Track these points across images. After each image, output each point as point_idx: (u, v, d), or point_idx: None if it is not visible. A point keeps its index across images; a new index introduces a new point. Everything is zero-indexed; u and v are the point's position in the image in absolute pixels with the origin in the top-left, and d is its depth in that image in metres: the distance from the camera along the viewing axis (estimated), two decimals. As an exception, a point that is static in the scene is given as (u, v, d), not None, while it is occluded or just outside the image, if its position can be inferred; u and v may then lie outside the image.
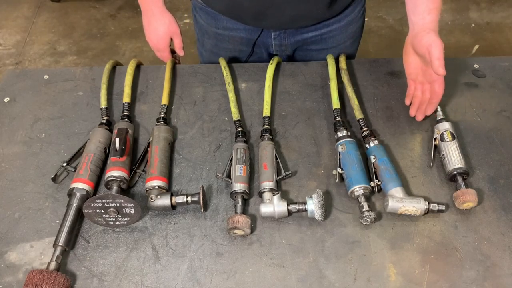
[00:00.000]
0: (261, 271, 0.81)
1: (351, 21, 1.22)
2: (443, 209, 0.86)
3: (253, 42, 1.23)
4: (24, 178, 0.96)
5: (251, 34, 1.21)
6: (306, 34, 1.21)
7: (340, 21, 1.20)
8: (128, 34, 3.00)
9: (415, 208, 0.84)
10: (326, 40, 1.23)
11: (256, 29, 1.20)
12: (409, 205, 0.84)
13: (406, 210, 0.84)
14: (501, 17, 3.00)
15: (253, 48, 1.25)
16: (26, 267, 0.82)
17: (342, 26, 1.21)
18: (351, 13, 1.21)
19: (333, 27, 1.20)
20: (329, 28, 1.20)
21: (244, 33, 1.21)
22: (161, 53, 1.26)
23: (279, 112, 1.08)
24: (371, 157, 0.93)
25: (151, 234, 0.87)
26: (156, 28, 1.21)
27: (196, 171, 0.96)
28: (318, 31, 1.20)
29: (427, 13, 0.97)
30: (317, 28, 1.20)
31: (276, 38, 1.21)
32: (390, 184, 0.88)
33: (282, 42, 1.22)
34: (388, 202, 0.85)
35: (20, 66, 2.81)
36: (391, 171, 0.89)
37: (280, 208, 0.85)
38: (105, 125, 1.02)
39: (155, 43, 1.23)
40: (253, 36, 1.22)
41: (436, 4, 0.98)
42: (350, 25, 1.23)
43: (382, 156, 0.92)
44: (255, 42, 1.23)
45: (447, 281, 0.79)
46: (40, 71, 1.19)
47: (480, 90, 1.11)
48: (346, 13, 1.19)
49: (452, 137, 0.94)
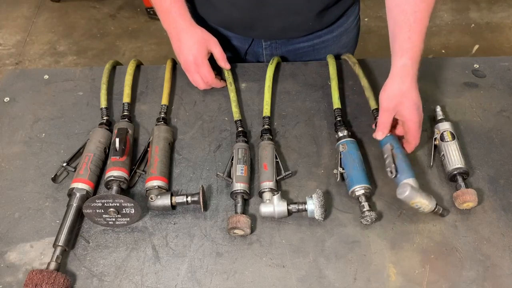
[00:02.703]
0: (261, 271, 0.81)
1: (344, 31, 1.21)
2: (445, 214, 0.86)
3: (244, 51, 1.22)
4: (24, 178, 0.96)
5: (242, 43, 1.21)
6: (298, 45, 1.20)
7: (332, 32, 1.18)
8: (128, 34, 3.00)
9: (426, 203, 0.83)
10: (319, 50, 1.21)
11: (247, 39, 1.19)
12: (424, 198, 0.83)
13: (419, 202, 0.83)
14: (501, 17, 3.00)
15: (245, 57, 1.24)
16: (26, 267, 0.82)
17: (334, 37, 1.20)
18: (344, 24, 1.19)
19: (325, 37, 1.19)
20: (321, 39, 1.19)
21: (235, 41, 1.20)
22: (201, 68, 1.06)
23: (279, 112, 1.08)
24: (388, 145, 0.91)
25: (151, 234, 0.87)
26: (189, 41, 1.04)
27: (196, 171, 0.96)
28: (310, 41, 1.19)
29: (399, 55, 0.90)
30: (309, 39, 1.18)
31: (267, 48, 1.21)
32: (406, 174, 0.86)
33: (273, 52, 1.21)
34: (406, 189, 0.82)
35: (20, 66, 2.81)
36: (407, 161, 0.88)
37: (280, 208, 0.85)
38: (105, 125, 1.02)
39: (191, 60, 1.05)
40: (244, 45, 1.21)
41: (415, 40, 0.88)
42: (343, 35, 1.21)
43: (398, 146, 0.91)
44: (246, 51, 1.22)
45: (447, 281, 0.79)
46: (40, 71, 1.19)
47: (480, 90, 1.11)
48: (339, 24, 1.18)
49: (452, 137, 0.94)
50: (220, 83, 1.11)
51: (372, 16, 3.02)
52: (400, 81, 0.89)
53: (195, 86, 1.11)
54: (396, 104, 0.89)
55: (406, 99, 0.88)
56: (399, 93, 0.89)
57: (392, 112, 0.90)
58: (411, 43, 0.89)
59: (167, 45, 1.13)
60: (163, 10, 1.06)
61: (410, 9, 0.90)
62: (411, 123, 0.89)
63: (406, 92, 0.88)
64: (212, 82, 1.09)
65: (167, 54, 2.68)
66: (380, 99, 0.91)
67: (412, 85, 0.89)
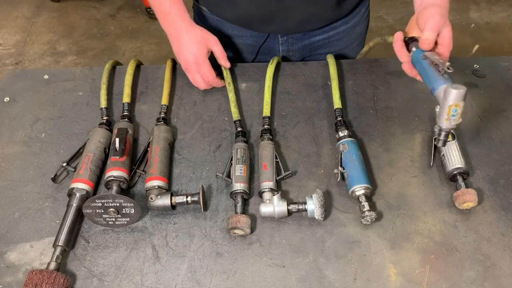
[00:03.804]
0: (261, 271, 0.81)
1: (357, 22, 1.22)
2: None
3: (257, 48, 1.22)
4: (24, 178, 0.96)
5: (257, 40, 1.20)
6: (314, 38, 1.20)
7: (347, 23, 1.20)
8: (128, 34, 3.01)
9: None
10: (334, 43, 1.22)
11: (263, 35, 1.19)
12: None
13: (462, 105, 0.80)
14: (501, 17, 3.00)
15: (257, 55, 1.24)
16: (26, 267, 0.82)
17: (349, 28, 1.21)
18: (357, 14, 1.21)
19: (340, 29, 1.20)
20: (336, 30, 1.20)
21: (250, 39, 1.20)
22: (201, 67, 1.06)
23: (279, 112, 1.08)
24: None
25: (151, 234, 0.87)
26: (189, 41, 1.04)
27: (196, 171, 0.96)
28: (325, 34, 1.20)
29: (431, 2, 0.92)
30: (324, 31, 1.19)
31: (284, 44, 1.21)
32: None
33: (289, 47, 1.21)
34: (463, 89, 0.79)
35: (20, 66, 2.81)
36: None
37: (280, 208, 0.85)
38: (105, 125, 1.02)
39: (191, 59, 1.05)
40: (259, 41, 1.20)
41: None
42: (356, 26, 1.22)
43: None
44: (259, 48, 1.22)
45: (447, 281, 0.79)
46: (40, 71, 1.19)
47: (480, 90, 1.11)
48: (353, 14, 1.19)
49: (452, 137, 0.94)
50: (221, 82, 1.11)
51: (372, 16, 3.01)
52: (440, 9, 0.91)
53: (196, 86, 1.11)
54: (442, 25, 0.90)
55: (447, 25, 0.92)
56: (441, 19, 0.90)
57: (437, 31, 0.90)
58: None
59: (167, 45, 1.13)
60: (162, 12, 1.06)
61: None
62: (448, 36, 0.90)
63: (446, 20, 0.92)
64: (213, 81, 1.09)
65: (167, 54, 2.68)
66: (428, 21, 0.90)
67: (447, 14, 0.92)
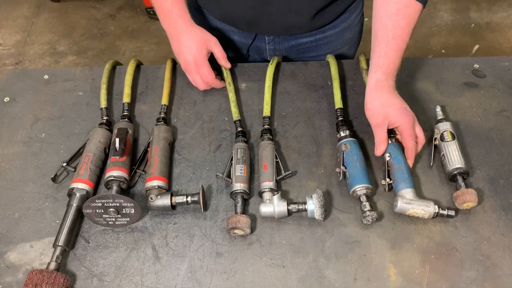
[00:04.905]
0: (261, 271, 0.81)
1: (347, 27, 1.21)
2: (453, 214, 0.85)
3: (247, 47, 1.23)
4: (24, 178, 0.96)
5: (245, 39, 1.21)
6: (301, 40, 1.20)
7: (335, 27, 1.19)
8: (128, 34, 3.00)
9: (423, 211, 0.84)
10: (322, 46, 1.22)
11: (250, 34, 1.20)
12: (418, 208, 0.84)
13: (415, 212, 0.84)
14: (501, 17, 3.00)
15: (248, 52, 1.25)
16: (26, 267, 0.82)
17: (337, 32, 1.20)
18: (347, 19, 1.20)
19: (328, 33, 1.19)
20: (324, 34, 1.19)
21: (238, 36, 1.21)
22: (201, 68, 1.06)
23: (279, 112, 1.08)
24: (386, 155, 0.92)
25: (151, 234, 0.87)
26: (188, 41, 1.04)
27: (196, 171, 0.96)
28: (312, 37, 1.19)
29: (374, 70, 0.91)
30: (311, 34, 1.19)
31: (270, 43, 1.21)
32: (401, 185, 0.87)
33: (276, 47, 1.22)
34: (397, 202, 0.84)
35: (20, 66, 2.81)
36: (404, 171, 0.88)
37: (280, 208, 0.85)
38: (105, 125, 1.02)
39: (191, 60, 1.05)
40: (247, 40, 1.21)
41: (391, 56, 0.89)
42: (346, 31, 1.21)
43: (397, 154, 0.91)
44: (249, 46, 1.22)
45: (447, 281, 0.79)
46: (40, 71, 1.19)
47: (480, 90, 1.11)
48: (342, 19, 1.18)
49: (452, 137, 0.94)
50: (220, 83, 1.11)
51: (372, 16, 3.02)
52: (377, 95, 0.91)
53: (195, 86, 1.11)
54: (383, 117, 0.90)
55: (390, 108, 0.90)
56: (380, 106, 0.91)
57: (383, 126, 0.91)
58: (387, 59, 0.91)
59: (167, 45, 1.13)
60: (163, 11, 1.06)
61: (390, 24, 0.91)
62: (403, 126, 0.90)
63: (387, 103, 0.91)
64: (212, 82, 1.09)
65: (167, 54, 2.68)
66: (368, 118, 0.93)
67: (390, 94, 0.91)
